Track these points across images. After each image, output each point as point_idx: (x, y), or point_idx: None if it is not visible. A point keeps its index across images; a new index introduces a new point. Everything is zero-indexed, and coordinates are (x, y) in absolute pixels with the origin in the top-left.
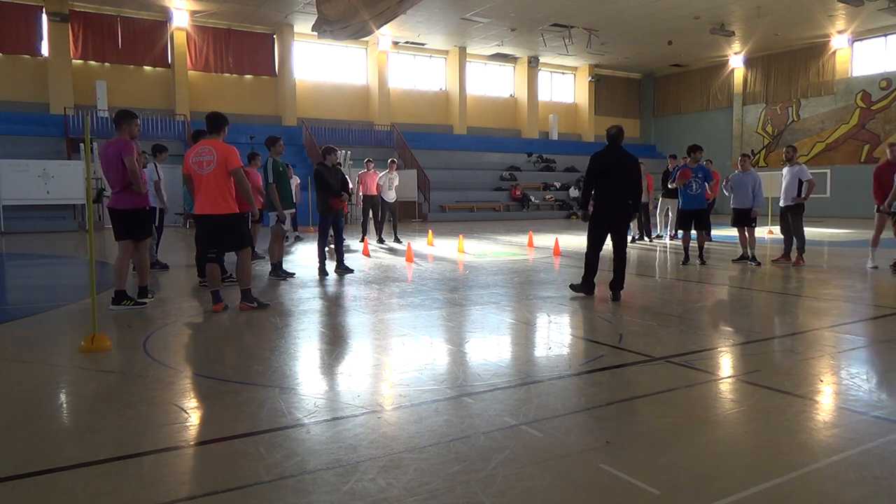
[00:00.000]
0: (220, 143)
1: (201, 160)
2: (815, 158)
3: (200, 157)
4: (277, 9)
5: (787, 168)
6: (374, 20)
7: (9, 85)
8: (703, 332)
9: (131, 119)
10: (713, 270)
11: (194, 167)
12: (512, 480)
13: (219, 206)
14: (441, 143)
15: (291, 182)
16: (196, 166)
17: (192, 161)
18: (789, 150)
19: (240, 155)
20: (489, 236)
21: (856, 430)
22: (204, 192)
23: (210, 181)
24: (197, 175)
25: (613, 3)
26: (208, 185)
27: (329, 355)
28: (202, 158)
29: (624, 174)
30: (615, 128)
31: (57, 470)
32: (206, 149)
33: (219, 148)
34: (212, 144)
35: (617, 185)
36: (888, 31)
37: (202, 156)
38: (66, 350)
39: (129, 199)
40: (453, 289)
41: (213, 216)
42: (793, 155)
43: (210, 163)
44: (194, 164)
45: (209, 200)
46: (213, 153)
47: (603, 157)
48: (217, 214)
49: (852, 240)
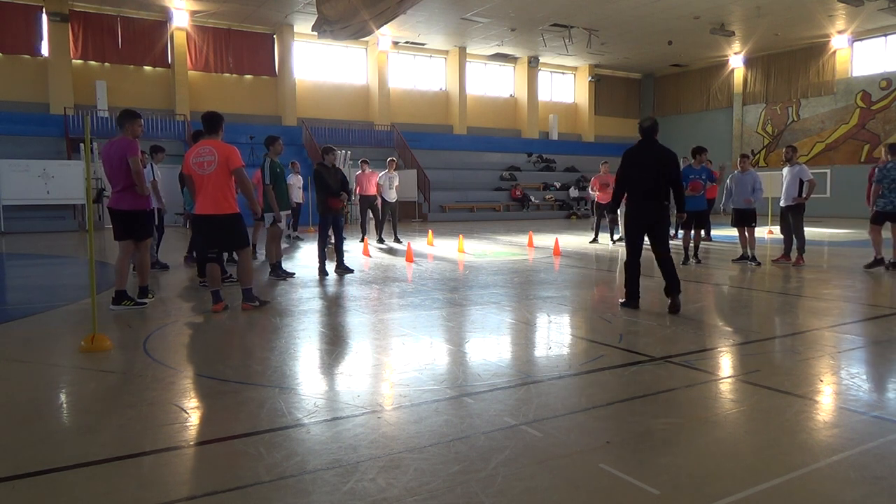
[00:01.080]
0: (221, 142)
1: (202, 160)
2: (815, 158)
3: (201, 157)
4: (277, 9)
5: (788, 168)
6: (374, 20)
7: (9, 85)
8: (703, 332)
9: (135, 119)
10: (713, 270)
11: (195, 168)
12: (512, 480)
13: (220, 206)
14: (441, 143)
15: (294, 181)
16: (197, 167)
17: (193, 161)
18: (789, 151)
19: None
20: (489, 236)
21: (856, 430)
22: (205, 192)
23: (211, 181)
24: (198, 176)
25: (613, 3)
26: (210, 186)
27: (329, 355)
28: (203, 159)
29: (655, 171)
30: (648, 120)
31: (57, 470)
32: (206, 149)
33: (219, 148)
34: (212, 144)
35: (647, 182)
36: (888, 31)
37: (203, 156)
38: (66, 350)
39: (131, 200)
40: (453, 289)
41: (214, 216)
42: (792, 155)
43: (211, 163)
44: (195, 165)
45: (211, 201)
46: (213, 153)
47: (633, 154)
48: (219, 214)
49: (852, 240)
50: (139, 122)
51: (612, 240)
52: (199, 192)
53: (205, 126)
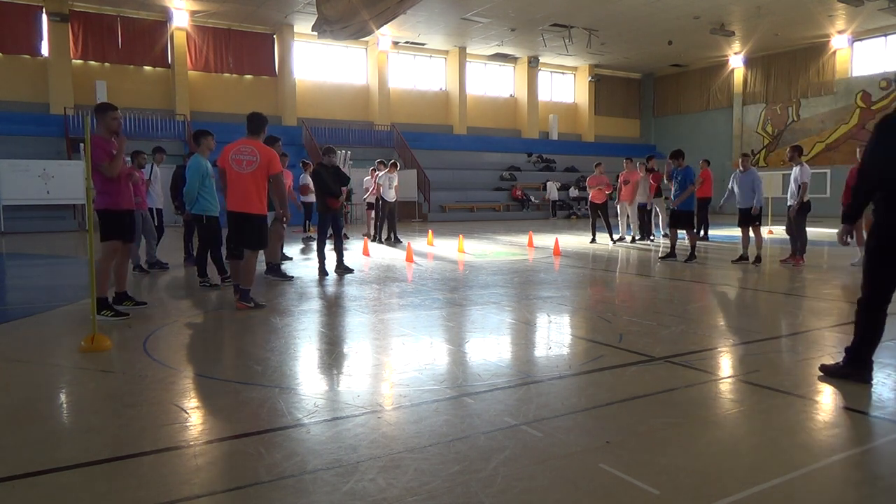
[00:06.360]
0: (263, 145)
1: (242, 158)
2: (815, 158)
3: (241, 154)
4: (277, 9)
5: (795, 168)
6: (374, 20)
7: (9, 85)
8: (703, 332)
9: (106, 111)
10: (713, 270)
11: (233, 164)
12: (512, 480)
13: (254, 206)
14: (441, 143)
15: (302, 180)
16: (235, 164)
17: (232, 158)
18: (792, 151)
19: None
20: (489, 236)
21: (856, 430)
22: (240, 190)
23: (248, 181)
24: (235, 172)
25: (613, 3)
26: (246, 184)
27: (329, 355)
28: (243, 157)
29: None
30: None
31: (57, 470)
32: (248, 148)
33: (262, 150)
34: (254, 145)
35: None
36: (888, 31)
37: (243, 154)
38: (66, 350)
39: (99, 200)
40: (453, 289)
41: (247, 214)
42: (793, 155)
43: (252, 163)
44: (233, 161)
45: (245, 199)
46: (255, 154)
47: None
48: (252, 214)
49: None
50: (112, 114)
51: (612, 240)
52: (232, 188)
53: (249, 126)
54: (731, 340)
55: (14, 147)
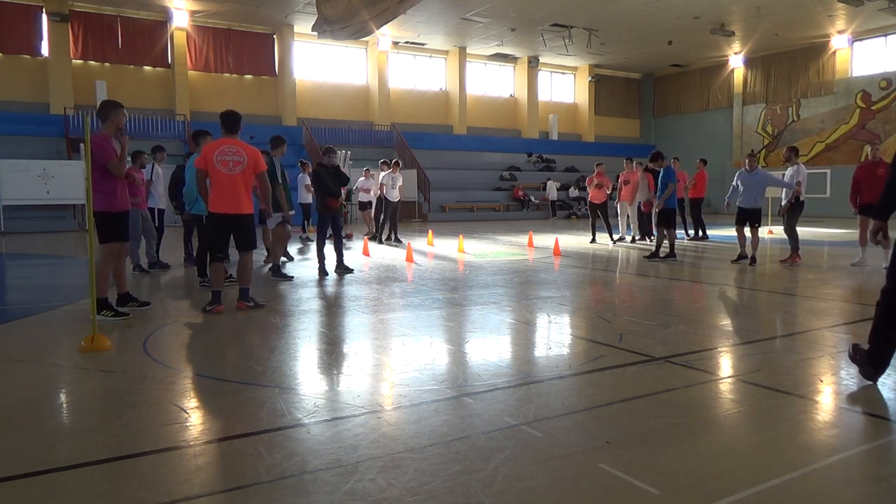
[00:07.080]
0: (247, 144)
1: (228, 159)
2: (814, 158)
3: (228, 156)
4: (277, 9)
5: (794, 168)
6: (374, 20)
7: (9, 85)
8: (703, 332)
9: (118, 108)
10: (713, 270)
11: (219, 166)
12: (512, 480)
13: (243, 206)
14: (441, 143)
15: (299, 181)
16: (221, 165)
17: (217, 159)
18: (788, 152)
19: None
20: (489, 236)
21: (856, 430)
22: (229, 191)
23: (237, 181)
24: (220, 174)
25: (613, 3)
26: (236, 185)
27: (329, 355)
28: (230, 158)
29: None
30: None
31: (57, 470)
32: (233, 148)
33: (247, 150)
34: (238, 145)
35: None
36: (888, 31)
37: (230, 155)
38: (66, 350)
39: (96, 200)
40: (453, 289)
41: (237, 216)
42: (790, 155)
43: (239, 163)
44: (219, 163)
45: (237, 200)
46: (242, 154)
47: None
48: (242, 214)
49: (852, 240)
50: (122, 111)
51: (612, 240)
52: (221, 190)
53: (226, 125)
54: (731, 340)
55: (14, 147)
